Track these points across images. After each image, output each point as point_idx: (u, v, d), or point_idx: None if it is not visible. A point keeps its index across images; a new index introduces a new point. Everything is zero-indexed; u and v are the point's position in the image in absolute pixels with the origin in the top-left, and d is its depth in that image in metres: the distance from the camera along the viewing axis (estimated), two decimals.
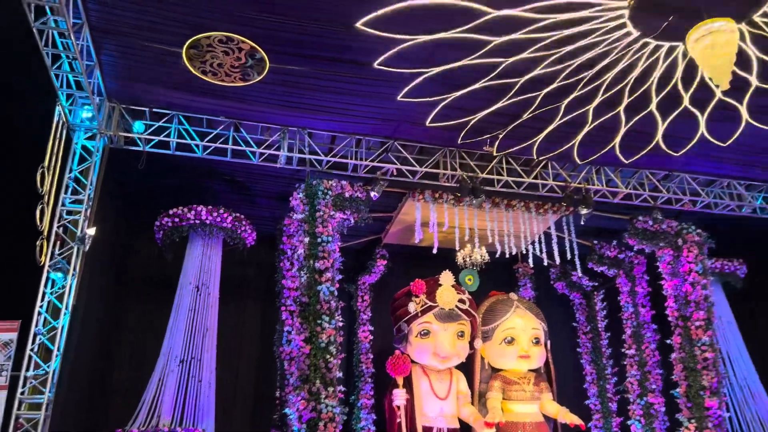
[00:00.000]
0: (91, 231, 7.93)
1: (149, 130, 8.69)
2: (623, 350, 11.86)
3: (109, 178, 8.70)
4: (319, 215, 8.95)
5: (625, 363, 11.77)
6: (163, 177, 9.81)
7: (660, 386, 11.16)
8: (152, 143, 8.79)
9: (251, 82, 7.94)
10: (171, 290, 9.77)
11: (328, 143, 9.58)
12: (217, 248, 9.97)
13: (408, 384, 10.28)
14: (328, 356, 8.32)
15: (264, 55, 7.40)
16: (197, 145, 8.91)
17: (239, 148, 9.00)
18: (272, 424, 9.72)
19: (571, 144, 9.43)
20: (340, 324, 9.00)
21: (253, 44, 7.24)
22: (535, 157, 9.82)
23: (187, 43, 7.21)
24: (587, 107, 8.55)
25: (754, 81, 7.97)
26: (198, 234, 9.84)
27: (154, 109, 8.70)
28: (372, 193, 9.52)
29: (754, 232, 12.03)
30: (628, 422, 11.42)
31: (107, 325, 10.71)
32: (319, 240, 8.83)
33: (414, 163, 9.65)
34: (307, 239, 8.85)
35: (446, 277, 10.81)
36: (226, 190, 10.49)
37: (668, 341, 10.53)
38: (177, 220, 9.60)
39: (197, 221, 9.60)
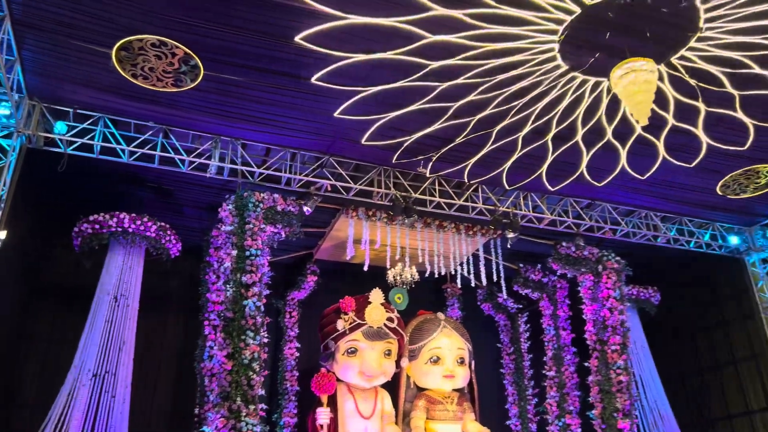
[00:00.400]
0: (1, 234, 7.46)
1: (72, 132, 8.29)
2: (544, 372, 12.18)
3: (26, 180, 8.22)
4: (248, 228, 8.78)
5: (545, 384, 12.08)
6: (84, 181, 9.37)
7: (577, 408, 11.52)
8: (75, 145, 8.39)
9: (184, 89, 7.75)
10: (87, 300, 9.30)
11: (261, 155, 9.45)
12: (138, 258, 9.59)
13: (332, 403, 10.18)
14: (250, 373, 8.11)
15: (198, 62, 7.25)
16: (123, 150, 8.58)
17: (168, 155, 8.74)
18: None
19: (500, 169, 9.70)
20: (265, 340, 8.81)
21: (188, 50, 7.08)
22: (466, 181, 10.04)
23: (117, 45, 6.97)
24: (517, 135, 8.84)
25: (670, 119, 8.48)
26: (119, 242, 9.44)
27: (79, 111, 8.32)
28: (305, 208, 9.43)
29: (668, 262, 12.70)
30: None
31: (15, 335, 10.06)
32: (247, 253, 8.65)
33: (349, 179, 9.66)
34: (234, 252, 8.65)
35: (376, 295, 10.83)
36: (151, 198, 10.14)
37: (586, 364, 10.89)
38: (97, 226, 9.18)
39: (119, 229, 9.21)
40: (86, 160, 8.56)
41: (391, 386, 11.12)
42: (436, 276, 11.10)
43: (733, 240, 11.80)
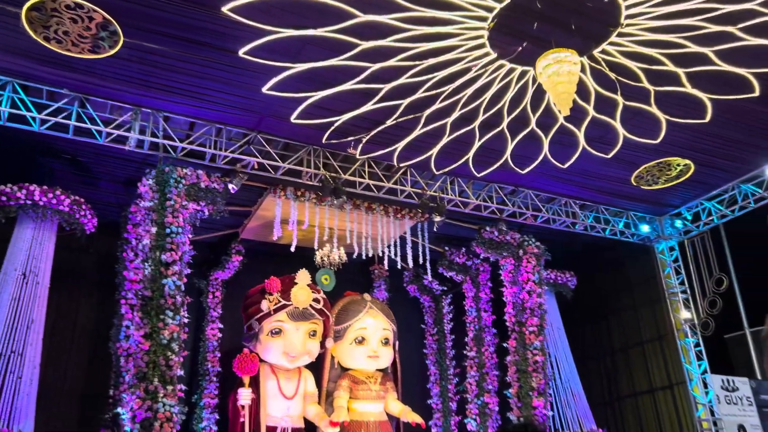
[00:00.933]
0: None
1: None
2: (465, 352, 12.52)
3: None
4: (169, 204, 8.49)
5: (466, 364, 12.43)
6: None
7: (495, 387, 11.92)
8: None
9: (102, 56, 7.34)
10: None
11: (185, 129, 9.12)
12: (50, 233, 9.08)
13: (255, 383, 10.09)
14: (169, 353, 7.91)
15: (118, 28, 6.88)
16: (34, 118, 8.06)
17: (84, 125, 8.28)
18: (102, 424, 9.03)
19: (429, 154, 9.81)
20: (186, 320, 8.61)
21: (107, 15, 6.70)
22: (395, 164, 10.08)
23: (27, 4, 6.51)
24: (446, 120, 8.95)
25: (591, 111, 8.82)
26: (29, 216, 8.88)
27: None
28: (230, 186, 9.21)
29: (585, 248, 13.29)
30: (465, 420, 12.08)
31: None
32: (167, 231, 8.38)
33: (277, 158, 9.49)
34: (154, 229, 8.35)
35: (302, 276, 10.76)
36: (65, 170, 9.60)
37: (505, 344, 11.28)
38: (4, 198, 8.60)
39: (28, 202, 8.67)
40: None
41: (316, 367, 11.15)
42: (364, 258, 11.15)
43: (644, 228, 12.47)
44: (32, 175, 9.08)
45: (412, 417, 10.51)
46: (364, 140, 9.31)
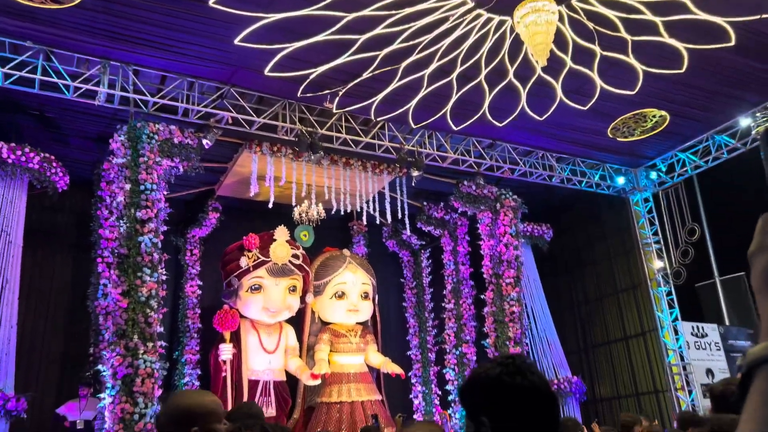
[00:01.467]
0: None
1: None
2: (443, 304, 12.73)
3: None
4: (142, 161, 8.34)
5: (444, 316, 12.65)
6: None
7: (473, 337, 12.18)
8: None
9: (66, 5, 7.04)
10: None
11: (156, 83, 8.87)
12: (20, 192, 8.88)
13: (236, 339, 10.20)
14: (148, 310, 7.89)
15: None
16: None
17: (50, 79, 7.99)
18: (82, 382, 9.07)
19: (407, 107, 9.71)
20: (164, 277, 8.57)
21: None
22: (373, 118, 9.97)
23: None
24: (423, 72, 8.83)
25: (568, 62, 8.76)
26: None
27: None
28: (204, 141, 9.05)
29: (561, 200, 13.43)
30: (444, 370, 12.36)
31: None
32: (141, 188, 8.25)
33: (251, 112, 9.32)
34: (128, 186, 8.22)
35: (281, 233, 10.79)
36: (33, 127, 9.33)
37: (482, 296, 11.47)
38: None
39: None
40: None
41: (296, 321, 11.27)
42: (342, 213, 11.14)
43: (620, 180, 12.61)
44: None
45: (392, 368, 10.77)
46: (341, 93, 9.16)
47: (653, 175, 12.65)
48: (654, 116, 10.51)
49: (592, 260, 13.75)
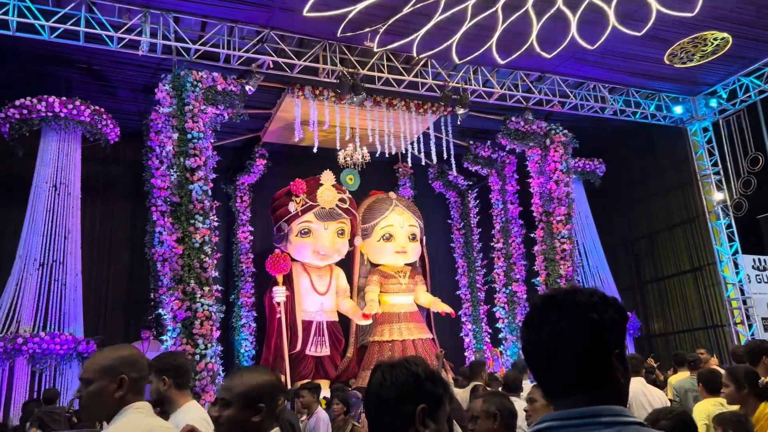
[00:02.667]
0: None
1: None
2: (492, 244, 12.64)
3: None
4: (188, 109, 8.38)
5: (493, 256, 12.58)
6: (2, 63, 8.64)
7: (523, 276, 12.11)
8: None
9: None
10: (24, 191, 8.93)
11: (197, 30, 8.81)
12: (75, 144, 9.13)
13: (288, 281, 10.43)
14: (202, 256, 8.10)
15: None
16: (43, 26, 7.84)
17: (94, 31, 8.03)
18: (144, 325, 9.50)
19: (450, 42, 9.35)
20: (216, 224, 8.75)
21: None
22: (415, 55, 9.67)
23: None
24: (466, 3, 8.43)
25: None
26: (52, 128, 8.92)
27: None
28: (247, 87, 9.01)
29: (614, 134, 12.92)
30: (494, 309, 12.38)
31: None
32: (189, 136, 8.32)
33: (292, 55, 9.18)
34: (175, 135, 8.30)
35: (327, 177, 10.81)
36: (82, 80, 9.48)
37: (532, 235, 11.30)
38: (25, 111, 8.61)
39: (49, 114, 8.67)
40: (2, 38, 7.82)
41: (346, 264, 11.40)
42: (387, 156, 11.03)
43: (677, 110, 11.98)
44: (49, 87, 9.01)
45: (442, 307, 10.84)
46: (381, 31, 8.89)
47: (713, 102, 11.95)
48: (715, 39, 9.82)
49: (646, 195, 13.28)
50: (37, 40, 7.98)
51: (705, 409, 4.05)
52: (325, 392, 7.65)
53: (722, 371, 4.31)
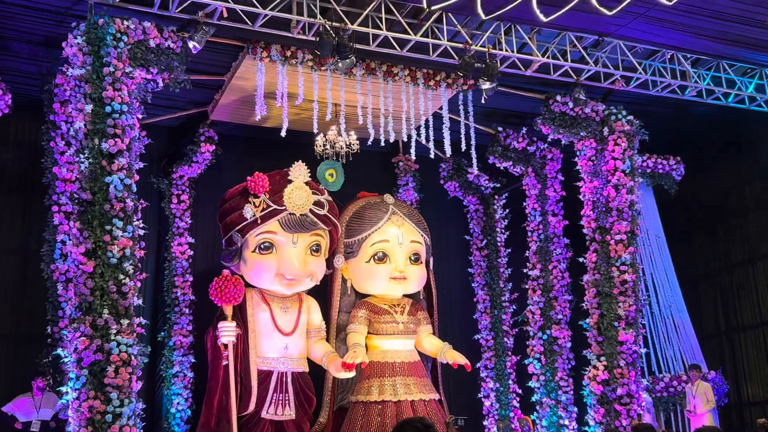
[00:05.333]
0: None
1: None
2: (525, 271, 12.65)
3: None
4: (108, 71, 8.39)
5: (526, 287, 12.59)
6: None
7: (567, 316, 12.13)
8: None
9: None
10: None
11: None
12: None
13: (241, 315, 10.40)
14: (121, 276, 8.09)
15: None
16: None
17: None
18: (38, 369, 9.44)
19: None
20: (142, 232, 8.75)
21: None
22: (425, 6, 9.71)
23: None
24: None
25: None
26: None
27: None
28: (191, 44, 9.01)
29: (697, 123, 12.98)
30: (525, 361, 12.38)
31: None
32: (108, 109, 8.34)
33: (255, 2, 9.21)
34: (89, 107, 8.32)
35: (298, 171, 10.81)
36: None
37: (581, 259, 11.32)
38: None
39: None
40: None
41: (322, 293, 11.39)
42: (383, 144, 11.06)
43: None
44: None
45: (454, 357, 10.82)
46: None
47: None
48: None
49: (741, 208, 13.35)
50: None
51: None
52: None
53: None
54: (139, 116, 8.90)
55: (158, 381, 11.08)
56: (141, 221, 8.78)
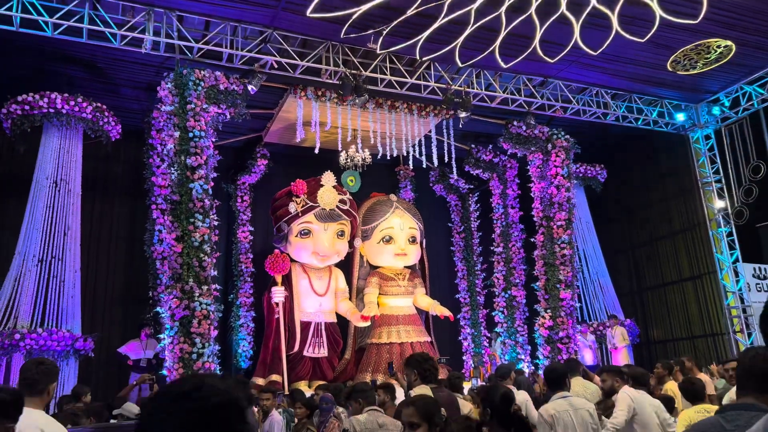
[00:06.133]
0: None
1: None
2: (492, 248, 12.62)
3: None
4: (190, 108, 8.38)
5: (492, 260, 12.56)
6: (5, 58, 8.64)
7: (522, 280, 12.09)
8: None
9: None
10: (25, 186, 8.93)
11: (200, 29, 8.81)
12: (76, 141, 9.13)
13: (287, 282, 10.41)
14: (201, 255, 8.09)
15: None
16: (46, 23, 7.83)
17: (97, 28, 8.02)
18: (143, 323, 9.48)
19: (453, 45, 9.35)
20: (215, 223, 8.74)
21: None
22: (418, 58, 9.66)
23: None
24: (470, 7, 8.43)
25: None
26: (54, 125, 8.92)
27: None
28: (249, 87, 9.01)
29: (615, 140, 12.91)
30: (493, 313, 12.36)
31: None
32: (190, 135, 8.32)
33: (295, 56, 9.17)
34: (177, 134, 8.30)
35: (328, 178, 10.81)
36: (84, 78, 9.47)
37: (532, 239, 11.28)
38: (27, 107, 8.61)
39: (51, 110, 8.67)
40: (5, 34, 7.83)
41: (346, 265, 11.39)
42: (389, 158, 11.03)
43: (680, 117, 11.95)
44: (52, 83, 9.02)
45: (441, 310, 10.81)
46: (384, 33, 8.88)
47: (716, 110, 11.93)
48: (718, 47, 9.81)
49: (647, 201, 13.27)
50: (40, 36, 7.97)
51: (688, 417, 4.16)
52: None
53: (705, 379, 4.37)
54: (213, 140, 8.86)
55: (229, 330, 11.10)
56: (215, 215, 8.77)
